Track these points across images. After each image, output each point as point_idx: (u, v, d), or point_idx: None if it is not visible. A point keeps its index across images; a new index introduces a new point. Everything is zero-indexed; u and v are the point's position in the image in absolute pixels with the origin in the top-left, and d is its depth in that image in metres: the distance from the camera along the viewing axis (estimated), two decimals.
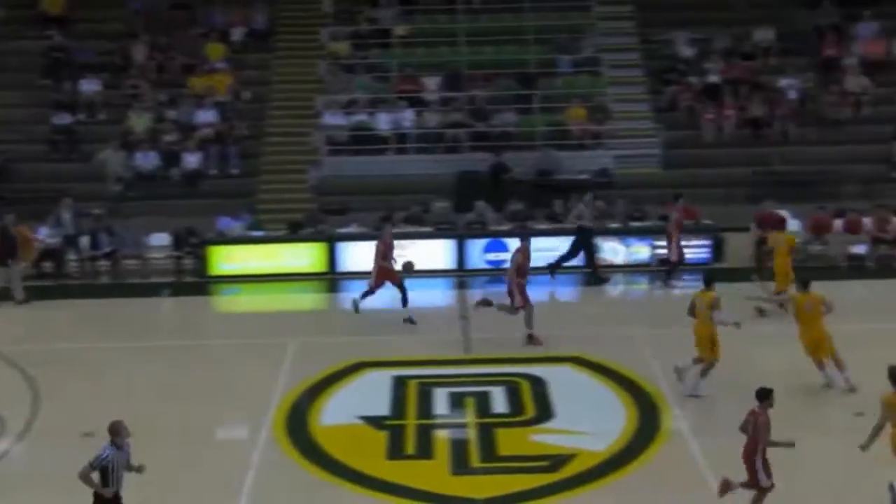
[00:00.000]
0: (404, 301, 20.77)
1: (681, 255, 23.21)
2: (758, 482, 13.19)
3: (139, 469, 12.26)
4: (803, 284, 17.55)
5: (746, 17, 30.96)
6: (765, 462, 13.22)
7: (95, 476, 11.91)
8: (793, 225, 24.50)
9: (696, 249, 24.32)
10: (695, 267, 24.14)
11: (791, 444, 13.40)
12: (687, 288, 23.46)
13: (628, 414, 16.82)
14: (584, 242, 23.92)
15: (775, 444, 13.30)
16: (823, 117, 28.58)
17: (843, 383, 17.22)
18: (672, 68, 30.00)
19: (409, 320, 20.65)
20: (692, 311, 17.43)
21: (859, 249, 24.00)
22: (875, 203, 25.13)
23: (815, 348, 17.19)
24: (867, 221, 24.17)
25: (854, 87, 28.91)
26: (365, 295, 21.06)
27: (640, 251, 24.38)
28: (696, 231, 24.56)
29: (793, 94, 28.81)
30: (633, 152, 28.29)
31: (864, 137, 28.38)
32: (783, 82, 28.97)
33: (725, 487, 13.45)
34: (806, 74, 29.32)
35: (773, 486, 13.19)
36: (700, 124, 28.71)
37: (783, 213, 24.43)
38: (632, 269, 24.45)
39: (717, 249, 24.49)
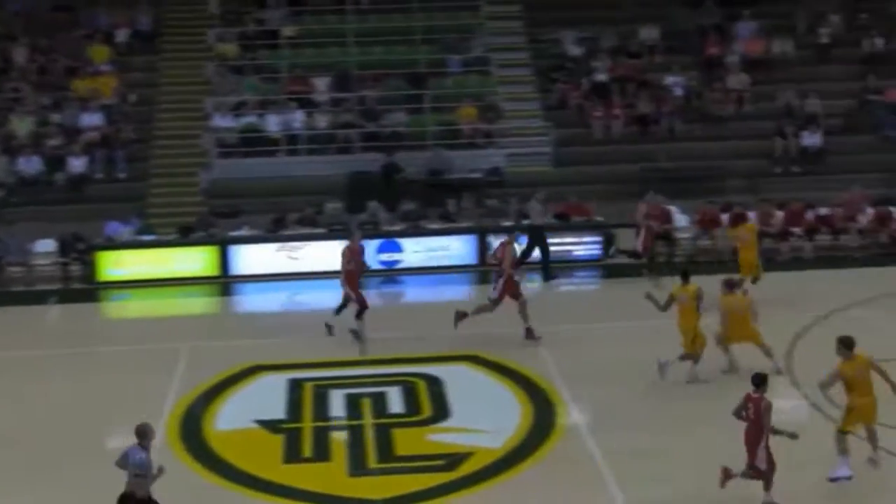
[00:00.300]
0: (338, 310, 20.08)
1: (646, 248, 23.58)
2: (755, 465, 13.43)
3: (159, 472, 12.30)
4: (683, 276, 17.85)
5: (632, 16, 31.45)
6: (767, 447, 13.47)
7: (135, 481, 12.04)
8: (681, 220, 24.96)
9: (587, 246, 24.62)
10: (585, 263, 24.52)
11: (794, 436, 13.70)
12: (579, 285, 23.89)
13: (524, 411, 16.94)
14: (536, 240, 24.05)
15: (778, 432, 13.61)
16: (707, 114, 29.19)
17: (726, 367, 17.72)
18: (560, 67, 30.35)
19: (329, 328, 20.05)
20: (668, 306, 17.61)
21: None
22: (759, 197, 25.73)
23: (688, 339, 17.49)
24: (752, 216, 24.72)
25: (736, 85, 29.58)
26: (339, 310, 20.11)
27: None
28: (587, 228, 24.86)
29: (678, 92, 29.37)
30: (524, 151, 28.54)
31: (746, 133, 29.06)
32: (669, 80, 29.51)
33: (726, 476, 13.68)
34: (690, 72, 29.90)
35: (772, 469, 13.47)
36: (589, 122, 29.08)
37: (671, 207, 24.90)
38: (525, 266, 24.57)
39: (608, 246, 24.82)
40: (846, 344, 14.17)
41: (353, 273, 19.87)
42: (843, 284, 22.47)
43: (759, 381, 13.62)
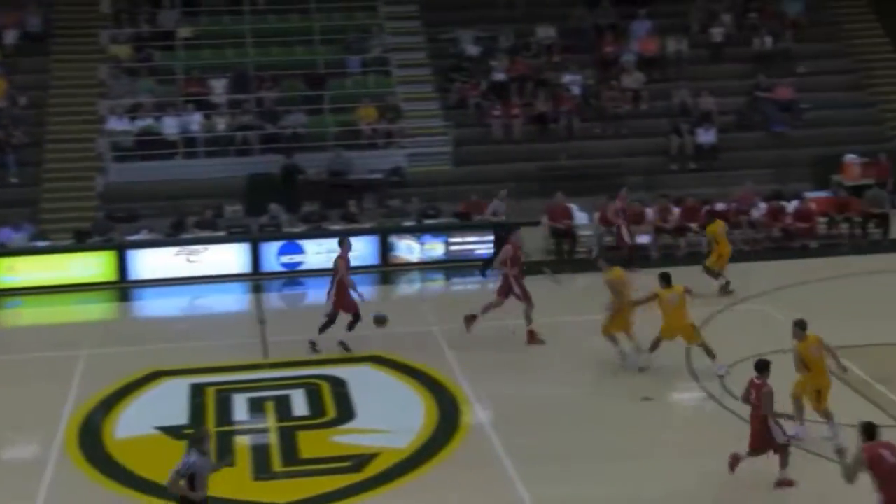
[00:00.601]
0: (322, 329, 19.07)
1: (624, 241, 23.86)
2: (773, 441, 13.81)
3: (230, 462, 12.79)
4: (664, 279, 18.08)
5: (529, 15, 31.69)
6: (776, 422, 13.90)
7: (183, 483, 12.11)
8: (581, 218, 25.21)
9: (488, 245, 24.69)
10: (487, 262, 24.58)
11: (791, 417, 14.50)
12: (481, 283, 23.98)
13: (429, 410, 16.95)
14: (500, 237, 24.13)
15: (778, 416, 14.08)
16: (605, 112, 29.54)
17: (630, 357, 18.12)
18: (459, 66, 30.44)
19: (314, 345, 19.17)
20: (647, 301, 17.90)
21: (643, 239, 24.85)
22: (656, 194, 26.12)
23: (688, 333, 17.85)
24: (650, 212, 25.08)
25: (632, 83, 30.00)
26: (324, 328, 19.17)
27: (435, 248, 24.62)
28: (488, 227, 24.95)
29: (576, 91, 29.68)
30: (425, 150, 28.58)
31: (643, 131, 29.49)
32: (566, 79, 29.80)
33: (735, 461, 14.04)
34: (587, 71, 30.23)
35: (789, 441, 13.94)
36: (488, 121, 29.23)
37: (571, 205, 25.13)
38: (426, 266, 24.63)
39: (502, 244, 24.89)
40: (800, 325, 15.07)
41: (345, 284, 18.95)
42: (738, 278, 22.89)
43: (762, 366, 14.16)
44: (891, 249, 24.67)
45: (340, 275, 18.92)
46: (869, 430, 11.97)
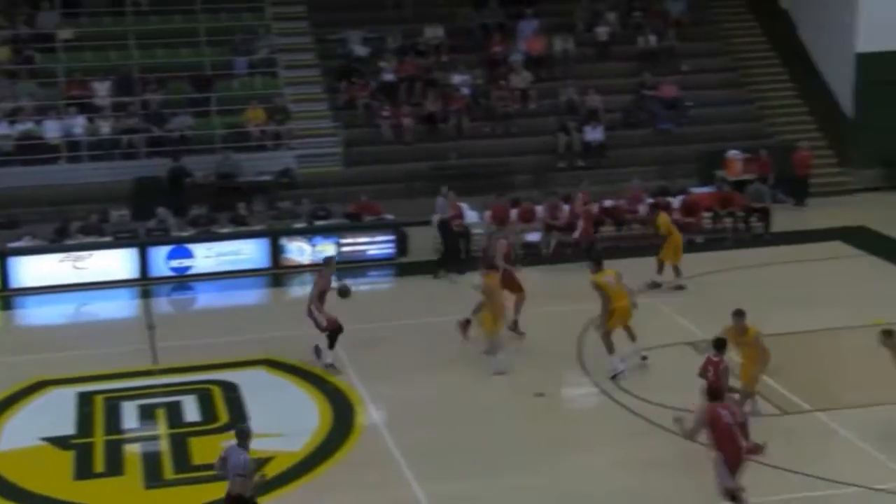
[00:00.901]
0: (332, 345, 18.49)
1: (585, 237, 24.04)
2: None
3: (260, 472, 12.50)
4: (596, 263, 18.56)
5: (416, 15, 31.74)
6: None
7: (239, 481, 12.08)
8: (471, 217, 25.31)
9: (379, 245, 24.69)
10: (379, 262, 24.57)
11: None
12: (374, 284, 23.92)
13: (322, 412, 16.87)
14: (444, 234, 24.14)
15: (733, 390, 14.91)
16: (494, 112, 29.71)
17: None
18: (347, 67, 30.31)
19: (331, 367, 18.48)
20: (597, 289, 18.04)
21: (533, 237, 25.05)
22: (546, 192, 26.35)
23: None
24: (539, 210, 25.29)
25: (520, 83, 30.23)
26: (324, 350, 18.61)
27: (327, 249, 24.46)
28: (380, 227, 24.93)
29: (465, 90, 29.79)
30: (314, 152, 28.39)
31: (531, 130, 29.72)
32: (455, 79, 29.89)
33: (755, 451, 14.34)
34: (475, 71, 30.37)
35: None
36: (378, 122, 29.18)
37: (462, 205, 25.21)
38: (318, 268, 24.39)
39: (402, 244, 24.96)
40: (739, 314, 15.87)
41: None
42: (628, 273, 23.18)
43: (720, 345, 14.78)
44: (772, 243, 25.26)
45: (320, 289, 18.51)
46: (713, 393, 13.38)
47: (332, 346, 18.42)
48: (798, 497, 14.09)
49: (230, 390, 17.57)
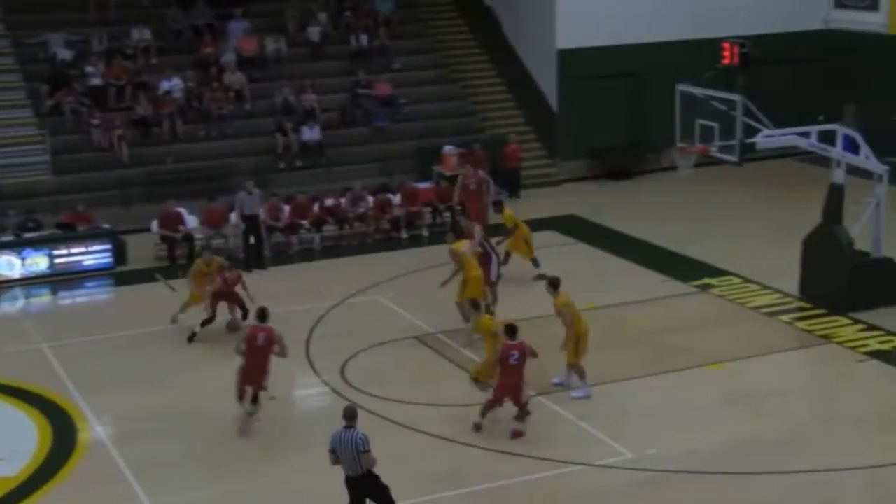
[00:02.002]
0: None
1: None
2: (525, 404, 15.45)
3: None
4: (456, 233, 19.50)
5: (122, 17, 30.78)
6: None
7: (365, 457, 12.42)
8: (191, 221, 24.82)
9: (95, 255, 23.80)
10: (96, 273, 23.70)
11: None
12: (91, 295, 23.07)
13: (41, 432, 16.12)
14: (251, 229, 23.63)
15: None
16: (208, 114, 29.20)
17: None
18: (52, 72, 29.01)
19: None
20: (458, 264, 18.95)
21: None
22: (269, 192, 26.14)
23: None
24: (261, 211, 25.02)
25: (233, 84, 29.85)
26: None
27: (38, 262, 23.39)
28: (95, 236, 24.03)
29: (177, 93, 29.13)
30: (20, 160, 27.04)
31: (248, 131, 29.40)
32: (166, 82, 29.18)
33: (518, 435, 15.36)
34: (187, 73, 29.74)
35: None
36: (87, 128, 28.10)
37: (181, 210, 24.69)
38: (30, 281, 23.33)
39: (119, 253, 24.14)
40: (553, 284, 16.86)
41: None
42: (352, 271, 23.40)
43: (512, 330, 15.46)
44: (490, 234, 25.97)
45: None
46: (511, 330, 15.34)
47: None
48: (524, 480, 14.57)
49: None
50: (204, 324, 19.26)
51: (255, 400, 15.95)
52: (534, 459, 14.85)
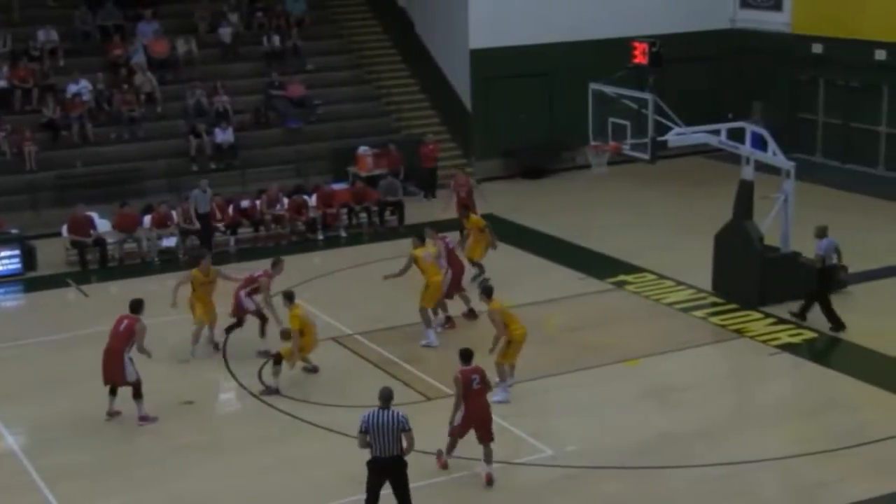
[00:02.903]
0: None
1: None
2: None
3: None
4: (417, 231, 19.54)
5: (27, 18, 30.20)
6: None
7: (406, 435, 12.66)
8: (102, 225, 24.46)
9: (4, 261, 23.32)
10: (6, 279, 23.23)
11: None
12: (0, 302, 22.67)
13: None
14: (204, 229, 23.31)
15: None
16: (119, 116, 28.77)
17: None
18: None
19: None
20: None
21: (169, 243, 24.51)
22: (182, 196, 25.85)
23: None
24: (174, 214, 24.76)
25: (144, 86, 29.44)
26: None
27: None
28: (3, 241, 23.54)
29: (86, 95, 28.65)
30: None
31: (160, 134, 29.05)
32: (74, 84, 28.67)
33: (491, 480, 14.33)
34: (96, 74, 29.27)
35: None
36: None
37: (91, 214, 24.31)
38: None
39: (29, 258, 23.66)
40: (486, 292, 16.87)
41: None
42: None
43: (469, 355, 14.67)
44: (407, 235, 25.98)
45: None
46: (466, 355, 14.51)
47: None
48: (444, 480, 14.59)
49: None
50: (229, 329, 18.90)
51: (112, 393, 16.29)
52: (453, 459, 14.87)
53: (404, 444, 12.73)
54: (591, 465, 14.81)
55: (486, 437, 14.39)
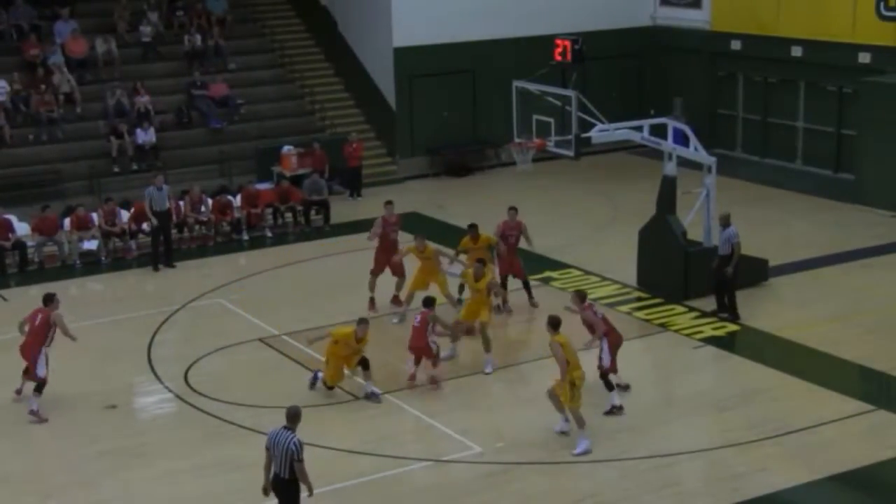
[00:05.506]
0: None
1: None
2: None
3: None
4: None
5: None
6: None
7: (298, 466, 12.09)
8: (21, 228, 24.05)
9: None
10: None
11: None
12: None
13: None
14: (162, 226, 23.04)
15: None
16: (37, 117, 28.28)
17: None
18: None
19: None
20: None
21: (91, 245, 24.16)
22: (104, 197, 25.48)
23: None
24: (95, 216, 24.42)
25: (63, 86, 28.96)
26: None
27: None
28: None
29: (2, 96, 28.12)
30: None
31: (80, 135, 28.60)
32: None
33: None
34: (12, 74, 28.74)
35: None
36: None
37: (9, 217, 23.89)
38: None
39: None
40: (553, 324, 15.56)
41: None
42: (193, 275, 23.03)
43: (429, 302, 16.97)
44: (333, 234, 25.94)
45: None
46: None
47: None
48: (373, 479, 14.58)
49: None
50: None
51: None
52: (382, 458, 14.87)
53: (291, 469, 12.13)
54: (519, 462, 14.88)
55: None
